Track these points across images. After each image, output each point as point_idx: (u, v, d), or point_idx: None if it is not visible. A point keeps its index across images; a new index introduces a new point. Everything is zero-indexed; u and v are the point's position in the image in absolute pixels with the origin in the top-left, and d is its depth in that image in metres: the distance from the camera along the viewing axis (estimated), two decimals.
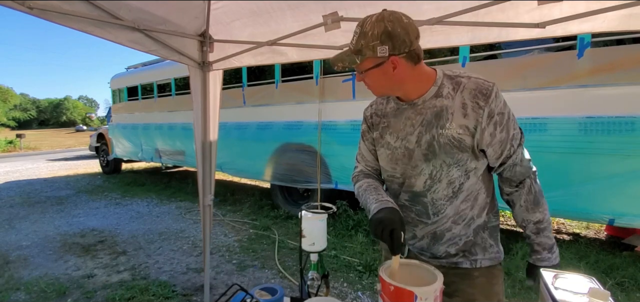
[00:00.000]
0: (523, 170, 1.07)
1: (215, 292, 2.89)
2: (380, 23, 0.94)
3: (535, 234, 1.09)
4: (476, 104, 0.99)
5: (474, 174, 1.07)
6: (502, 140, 1.02)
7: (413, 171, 1.09)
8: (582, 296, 0.87)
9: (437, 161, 1.05)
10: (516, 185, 1.09)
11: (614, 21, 1.38)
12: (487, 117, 0.99)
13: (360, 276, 3.15)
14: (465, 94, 1.00)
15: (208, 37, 2.14)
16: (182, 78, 6.66)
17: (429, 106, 1.04)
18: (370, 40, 0.95)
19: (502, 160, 1.05)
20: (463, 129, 1.00)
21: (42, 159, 15.16)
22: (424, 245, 1.18)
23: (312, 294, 1.22)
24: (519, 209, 1.10)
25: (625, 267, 3.04)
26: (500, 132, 1.01)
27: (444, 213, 1.10)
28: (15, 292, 3.00)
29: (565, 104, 2.95)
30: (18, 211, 5.82)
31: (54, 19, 1.47)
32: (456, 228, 1.11)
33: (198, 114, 2.24)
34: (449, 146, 1.02)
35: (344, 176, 4.33)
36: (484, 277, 1.13)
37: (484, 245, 1.13)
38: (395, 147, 1.12)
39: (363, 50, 0.96)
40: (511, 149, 1.04)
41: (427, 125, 1.04)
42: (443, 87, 1.03)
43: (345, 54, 1.00)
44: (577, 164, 2.92)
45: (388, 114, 1.15)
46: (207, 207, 2.35)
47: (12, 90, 56.98)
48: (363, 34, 0.96)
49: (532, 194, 1.07)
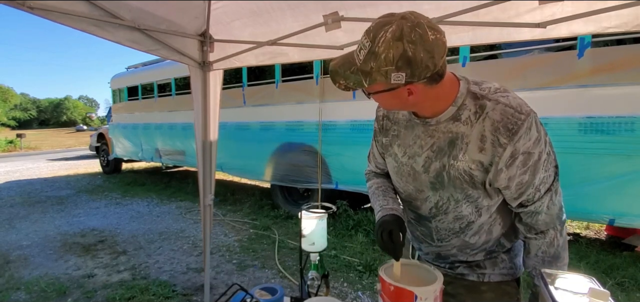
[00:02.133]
0: (547, 219, 0.90)
1: (215, 292, 2.89)
2: (397, 44, 0.71)
3: None
4: (497, 139, 0.81)
5: (486, 210, 0.94)
6: (522, 183, 0.85)
7: (419, 195, 0.99)
8: (582, 296, 0.87)
9: (445, 193, 0.93)
10: (536, 233, 0.92)
11: (616, 21, 1.38)
12: (508, 157, 0.82)
13: (360, 276, 3.15)
14: (487, 124, 0.82)
15: (208, 37, 2.14)
16: (182, 78, 6.66)
17: (444, 130, 0.88)
18: (383, 65, 0.73)
19: (520, 202, 0.90)
20: (476, 164, 0.86)
21: (43, 159, 15.16)
22: (428, 259, 1.17)
23: (312, 294, 1.22)
24: (535, 257, 0.94)
25: (625, 267, 3.04)
26: (523, 174, 0.84)
27: (449, 242, 1.03)
28: (15, 292, 3.00)
29: (565, 104, 2.95)
30: (18, 211, 5.82)
31: (54, 18, 1.47)
32: (463, 255, 1.05)
33: (198, 113, 2.24)
34: (460, 180, 0.89)
35: (344, 176, 4.33)
36: (493, 293, 1.03)
37: (494, 261, 1.04)
38: (402, 162, 1.00)
39: (372, 74, 0.75)
40: (536, 195, 0.87)
41: (438, 152, 0.90)
42: (463, 109, 0.86)
43: (350, 71, 0.79)
44: (577, 164, 2.92)
45: (400, 121, 1.00)
46: (208, 207, 2.35)
47: (12, 90, 57.01)
48: (374, 54, 0.73)
49: (553, 248, 0.91)
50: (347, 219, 4.37)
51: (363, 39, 0.76)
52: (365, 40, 0.75)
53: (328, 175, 4.47)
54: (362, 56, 0.75)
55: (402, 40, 0.71)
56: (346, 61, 0.80)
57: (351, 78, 0.79)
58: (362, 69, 0.76)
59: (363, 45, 0.76)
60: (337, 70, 0.81)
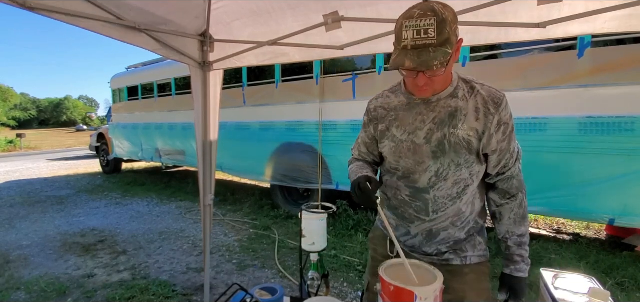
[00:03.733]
0: (518, 184, 1.11)
1: (215, 292, 2.89)
2: (446, 7, 0.90)
3: (518, 246, 1.12)
4: (488, 109, 1.02)
5: (477, 177, 1.10)
6: (503, 150, 1.06)
7: (418, 167, 1.09)
8: (582, 296, 0.87)
9: (446, 160, 1.06)
10: (509, 197, 1.12)
11: (615, 22, 1.38)
12: (496, 124, 1.02)
13: (360, 276, 3.15)
14: (479, 99, 1.03)
15: (208, 37, 2.15)
16: (182, 78, 6.66)
17: (444, 105, 1.05)
18: (453, 23, 0.90)
19: (499, 169, 1.09)
20: (473, 131, 1.03)
21: (43, 159, 15.16)
22: (416, 243, 1.20)
23: (312, 294, 1.22)
24: (508, 221, 1.13)
25: (625, 267, 3.04)
26: (503, 141, 1.05)
27: (444, 212, 1.11)
28: (15, 292, 3.00)
29: (565, 104, 2.95)
30: (18, 211, 5.82)
31: (55, 17, 1.47)
32: (452, 229, 1.14)
33: (199, 113, 2.24)
34: (459, 146, 1.04)
35: (345, 176, 4.33)
36: (474, 273, 1.17)
37: (473, 243, 1.17)
38: (401, 140, 1.12)
39: (451, 37, 0.88)
40: (511, 161, 1.08)
41: (439, 124, 1.05)
42: (459, 89, 1.06)
43: (432, 52, 0.87)
44: (577, 164, 2.92)
45: (396, 107, 1.14)
46: (208, 207, 2.35)
47: (12, 90, 56.94)
48: (443, 21, 0.86)
49: (522, 209, 1.12)
50: (347, 219, 4.37)
51: (421, 21, 0.87)
52: (426, 20, 0.87)
53: (328, 175, 4.47)
54: (433, 32, 0.86)
55: (447, 6, 0.90)
56: (418, 51, 0.88)
57: (439, 54, 0.87)
58: (440, 40, 0.87)
59: (428, 25, 0.86)
60: (425, 59, 0.87)
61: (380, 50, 1.88)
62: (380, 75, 3.96)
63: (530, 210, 3.25)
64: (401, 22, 0.91)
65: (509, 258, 1.14)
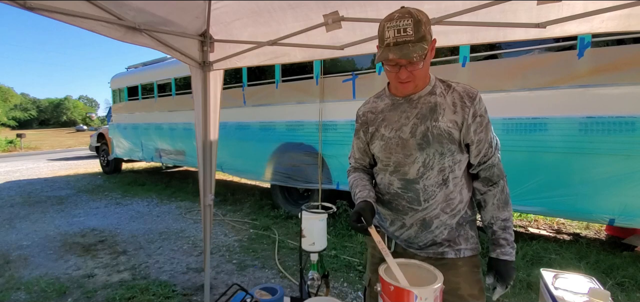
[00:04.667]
0: (499, 172, 1.20)
1: (215, 292, 2.90)
2: (420, 11, 1.05)
3: (503, 229, 1.19)
4: (464, 102, 1.13)
5: (458, 166, 1.18)
6: (481, 140, 1.15)
7: (407, 160, 1.18)
8: (582, 296, 0.87)
9: (430, 150, 1.14)
10: (492, 184, 1.20)
11: (613, 21, 1.39)
12: (472, 116, 1.13)
13: (360, 276, 3.15)
14: (455, 95, 1.15)
15: (208, 37, 2.15)
16: (182, 78, 6.66)
17: (425, 102, 1.16)
18: (427, 24, 1.04)
19: (480, 159, 1.18)
20: (453, 123, 1.13)
21: (43, 159, 15.17)
22: (412, 234, 1.23)
23: (312, 294, 1.22)
24: (491, 206, 1.21)
25: (625, 267, 3.04)
26: (481, 132, 1.15)
27: (434, 199, 1.18)
28: (15, 292, 3.00)
29: (565, 104, 2.95)
30: (18, 211, 5.82)
31: (54, 17, 1.47)
32: (444, 216, 1.19)
33: (199, 113, 2.24)
34: (441, 137, 1.13)
35: (345, 175, 4.31)
36: (467, 266, 1.22)
37: (466, 236, 1.23)
38: (389, 137, 1.21)
39: (426, 35, 1.03)
40: (490, 151, 1.17)
41: (422, 118, 1.15)
42: (436, 87, 1.17)
43: (411, 46, 1.02)
44: (577, 164, 2.92)
45: (383, 110, 1.24)
46: (208, 207, 2.35)
47: (12, 90, 56.98)
48: (419, 21, 1.02)
49: (504, 194, 1.20)
50: (347, 219, 4.37)
51: (400, 22, 1.02)
52: (404, 21, 1.02)
53: (328, 175, 4.47)
54: (411, 30, 1.01)
55: (417, 9, 1.05)
56: (399, 46, 1.03)
57: (417, 48, 1.01)
58: (417, 37, 1.01)
59: (406, 24, 1.02)
60: (406, 52, 1.01)
61: None
62: (380, 75, 3.96)
63: (531, 210, 3.25)
64: (383, 25, 1.06)
65: (495, 242, 1.20)
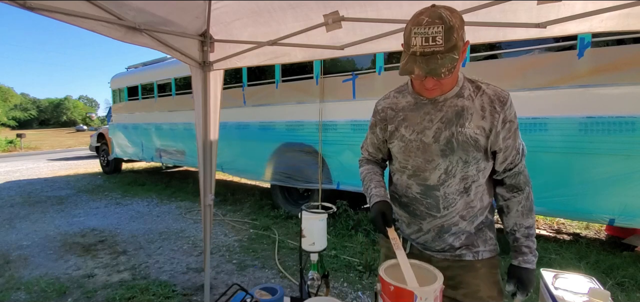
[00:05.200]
0: (525, 179, 1.15)
1: (215, 292, 2.89)
2: (453, 13, 0.92)
3: (526, 237, 1.15)
4: (493, 108, 1.05)
5: (482, 174, 1.13)
6: (509, 147, 1.09)
7: (428, 165, 1.12)
8: (582, 296, 0.87)
9: (454, 157, 1.08)
10: (517, 191, 1.15)
11: (612, 21, 1.39)
12: (501, 122, 1.05)
13: (360, 276, 3.15)
14: (485, 98, 1.07)
15: (208, 37, 2.14)
16: (182, 78, 6.66)
17: (450, 105, 1.08)
18: (460, 29, 0.92)
19: (506, 165, 1.12)
20: (480, 129, 1.06)
21: (43, 159, 15.16)
22: (428, 239, 1.21)
23: (312, 294, 1.22)
24: (515, 213, 1.16)
25: (625, 267, 3.04)
26: (509, 138, 1.08)
27: (454, 206, 1.13)
28: (15, 292, 3.00)
29: (565, 104, 2.95)
30: (18, 211, 5.82)
31: (55, 17, 1.47)
32: (463, 223, 1.15)
33: (199, 113, 2.24)
34: (467, 144, 1.07)
35: (345, 175, 4.33)
36: (486, 268, 1.19)
37: (484, 238, 1.20)
38: (410, 139, 1.14)
39: (457, 43, 0.91)
40: (517, 158, 1.12)
41: (447, 123, 1.08)
42: (464, 89, 1.09)
43: (439, 59, 0.90)
44: (577, 164, 2.92)
45: (404, 108, 1.17)
46: (208, 207, 2.35)
47: (12, 90, 56.95)
48: (450, 28, 0.89)
49: (529, 202, 1.15)
50: (347, 219, 4.37)
51: (429, 29, 0.89)
52: (434, 28, 0.89)
53: (328, 175, 4.47)
54: (441, 39, 0.89)
55: (450, 9, 0.92)
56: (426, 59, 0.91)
57: (446, 61, 0.90)
58: (448, 47, 0.90)
59: (435, 32, 0.89)
60: (434, 67, 0.91)
61: (381, 49, 1.88)
62: (380, 75, 3.95)
63: None
64: (410, 28, 0.93)
65: (517, 250, 1.16)
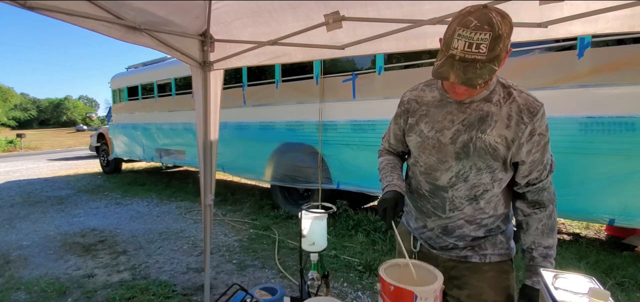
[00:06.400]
0: (549, 196, 1.07)
1: (215, 292, 2.89)
2: (504, 19, 0.85)
3: (543, 257, 1.07)
4: (521, 118, 0.98)
5: (498, 185, 1.07)
6: (535, 161, 1.02)
7: (441, 165, 1.09)
8: (582, 296, 0.87)
9: (468, 162, 1.04)
10: (539, 207, 1.08)
11: (617, 21, 1.38)
12: (527, 134, 0.98)
13: (360, 276, 3.15)
14: (513, 107, 0.99)
15: (209, 37, 2.14)
16: (182, 78, 6.66)
17: (476, 108, 1.03)
18: (507, 39, 0.86)
19: (530, 179, 1.05)
20: (501, 138, 1.00)
21: (43, 159, 15.16)
22: (432, 236, 1.20)
23: (312, 294, 1.22)
24: (534, 231, 1.08)
25: (625, 267, 3.04)
26: (536, 151, 1.01)
27: (461, 211, 1.11)
28: (15, 292, 3.00)
29: (565, 104, 2.94)
30: (18, 211, 5.82)
31: (55, 16, 1.47)
32: (468, 228, 1.13)
33: (199, 113, 2.24)
34: (484, 151, 1.02)
35: (345, 175, 4.33)
36: (494, 271, 1.15)
37: (493, 241, 1.15)
38: (427, 136, 1.11)
39: (500, 53, 0.85)
40: (543, 173, 1.04)
41: (468, 126, 1.03)
42: (494, 93, 1.02)
43: (478, 69, 0.85)
44: (577, 164, 2.92)
45: (428, 102, 1.12)
46: (208, 207, 2.35)
47: (12, 90, 56.94)
48: (497, 37, 0.83)
49: (551, 220, 1.07)
50: (347, 219, 4.37)
51: (475, 35, 0.83)
52: (480, 34, 0.83)
53: (328, 175, 4.47)
54: (485, 48, 0.83)
55: (502, 14, 0.85)
56: (464, 66, 0.86)
57: (485, 72, 0.85)
58: (490, 57, 0.84)
59: (481, 39, 0.83)
60: (470, 77, 0.86)
61: (381, 50, 1.88)
62: (380, 76, 3.95)
63: None
64: (454, 28, 0.87)
65: (531, 269, 1.08)
